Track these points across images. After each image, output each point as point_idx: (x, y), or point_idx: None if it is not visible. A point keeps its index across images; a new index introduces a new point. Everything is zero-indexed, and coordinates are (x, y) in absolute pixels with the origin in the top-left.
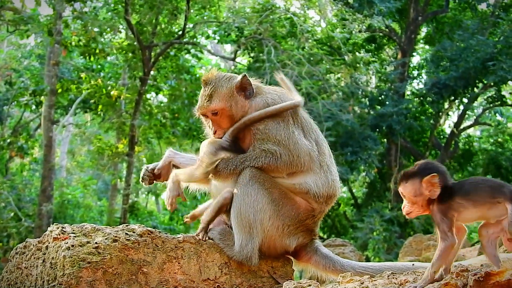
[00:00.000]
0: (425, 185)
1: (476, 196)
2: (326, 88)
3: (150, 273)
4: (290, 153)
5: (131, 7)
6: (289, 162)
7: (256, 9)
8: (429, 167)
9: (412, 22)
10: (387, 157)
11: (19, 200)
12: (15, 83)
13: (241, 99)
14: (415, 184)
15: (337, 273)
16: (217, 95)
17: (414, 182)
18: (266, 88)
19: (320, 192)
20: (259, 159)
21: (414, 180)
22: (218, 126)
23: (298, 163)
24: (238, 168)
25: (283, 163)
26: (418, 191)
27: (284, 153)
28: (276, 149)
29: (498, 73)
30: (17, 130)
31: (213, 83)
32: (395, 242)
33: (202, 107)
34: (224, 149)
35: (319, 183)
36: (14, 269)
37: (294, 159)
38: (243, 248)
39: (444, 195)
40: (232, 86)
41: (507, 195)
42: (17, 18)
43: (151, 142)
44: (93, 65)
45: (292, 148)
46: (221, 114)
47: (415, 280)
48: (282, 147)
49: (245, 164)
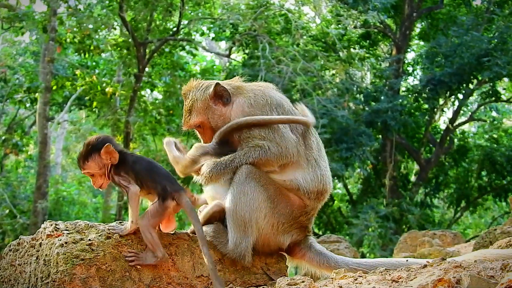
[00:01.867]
0: (105, 156)
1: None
2: (321, 85)
3: (143, 270)
4: (277, 145)
5: (126, 4)
6: (279, 153)
7: (250, 5)
8: (100, 140)
9: (407, 18)
10: (382, 153)
11: (14, 197)
12: (9, 80)
13: (219, 108)
14: (96, 159)
15: (331, 270)
16: (194, 109)
17: (94, 158)
18: (248, 86)
19: (310, 187)
20: (248, 155)
21: (93, 156)
22: (206, 137)
23: (288, 154)
24: (228, 167)
25: (273, 155)
26: (101, 163)
27: (272, 145)
28: (264, 143)
29: (493, 69)
30: (12, 127)
31: (190, 96)
32: (390, 238)
33: (185, 123)
34: (209, 154)
35: (307, 179)
36: (7, 266)
37: (283, 150)
38: (237, 246)
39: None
40: (206, 97)
41: (159, 191)
42: (11, 15)
43: (146, 139)
44: (88, 62)
45: (279, 140)
46: (203, 126)
47: (409, 276)
48: (269, 140)
49: (234, 162)
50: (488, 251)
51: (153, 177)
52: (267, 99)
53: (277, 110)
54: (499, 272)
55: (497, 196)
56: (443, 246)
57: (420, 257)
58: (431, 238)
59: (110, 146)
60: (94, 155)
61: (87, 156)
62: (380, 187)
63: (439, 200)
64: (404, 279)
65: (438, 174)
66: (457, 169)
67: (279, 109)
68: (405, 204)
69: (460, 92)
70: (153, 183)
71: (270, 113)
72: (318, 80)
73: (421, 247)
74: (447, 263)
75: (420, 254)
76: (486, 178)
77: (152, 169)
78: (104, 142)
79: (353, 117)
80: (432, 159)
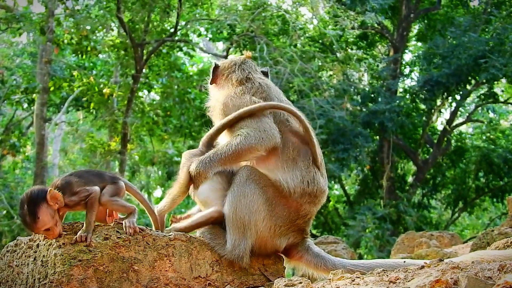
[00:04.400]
0: (53, 202)
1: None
2: (318, 85)
3: (141, 270)
4: (256, 129)
5: (123, 5)
6: (259, 137)
7: (248, 6)
8: (37, 190)
9: (404, 19)
10: (379, 154)
11: (12, 198)
12: (7, 81)
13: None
14: (44, 210)
15: (328, 272)
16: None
17: (42, 209)
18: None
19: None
20: (230, 144)
21: (42, 209)
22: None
23: (269, 136)
24: (214, 160)
25: (255, 139)
26: (52, 211)
27: (250, 131)
28: (242, 131)
29: (490, 71)
30: (9, 128)
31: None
32: (387, 239)
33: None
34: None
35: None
36: (5, 267)
37: (262, 133)
38: (235, 247)
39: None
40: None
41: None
42: (9, 16)
43: (144, 140)
44: (85, 63)
45: (257, 125)
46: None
47: (406, 277)
48: (246, 128)
49: (218, 154)
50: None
51: (97, 176)
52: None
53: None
54: (496, 273)
55: (495, 197)
56: (440, 247)
57: (418, 258)
58: (429, 239)
59: (52, 189)
60: (42, 208)
61: (35, 213)
62: (377, 188)
63: (437, 201)
64: (401, 280)
65: (435, 175)
66: (454, 170)
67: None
68: (402, 205)
69: (458, 93)
70: (100, 179)
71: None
72: (316, 81)
73: (418, 248)
74: (445, 264)
75: (417, 255)
76: (483, 179)
77: (89, 172)
78: (43, 190)
79: (350, 118)
80: (430, 160)
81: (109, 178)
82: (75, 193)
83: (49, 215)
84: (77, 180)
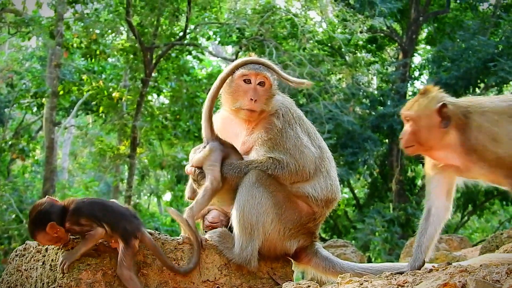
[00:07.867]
0: (51, 231)
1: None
2: (327, 89)
3: (149, 274)
4: (296, 163)
5: (133, 9)
6: (295, 172)
7: (257, 10)
8: (43, 213)
9: (413, 22)
10: (388, 157)
11: (21, 202)
12: (16, 85)
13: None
14: (42, 235)
15: (337, 275)
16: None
17: (41, 234)
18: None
19: (319, 196)
20: (264, 166)
21: (40, 233)
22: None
23: (304, 174)
24: (243, 171)
25: (289, 173)
26: (51, 237)
27: (291, 163)
28: (283, 157)
29: (499, 74)
30: (19, 132)
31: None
32: (396, 242)
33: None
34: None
35: (317, 188)
36: (14, 271)
37: (299, 169)
38: (243, 250)
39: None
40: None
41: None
42: (18, 20)
43: (153, 144)
44: (95, 67)
45: (299, 158)
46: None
47: (414, 280)
48: (289, 156)
49: (249, 168)
50: (494, 255)
51: (111, 219)
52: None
53: (297, 121)
54: (504, 277)
55: (504, 200)
56: (449, 250)
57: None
58: (438, 242)
59: (54, 224)
60: (40, 233)
61: (34, 234)
62: (387, 191)
63: None
64: (409, 283)
65: None
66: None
67: (299, 120)
68: (411, 208)
69: (467, 96)
70: (113, 225)
71: (293, 124)
72: (325, 85)
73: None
74: (453, 267)
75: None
76: None
77: (107, 209)
78: (46, 217)
79: (359, 122)
80: None
81: (123, 229)
82: (79, 224)
83: (46, 239)
84: (88, 214)
